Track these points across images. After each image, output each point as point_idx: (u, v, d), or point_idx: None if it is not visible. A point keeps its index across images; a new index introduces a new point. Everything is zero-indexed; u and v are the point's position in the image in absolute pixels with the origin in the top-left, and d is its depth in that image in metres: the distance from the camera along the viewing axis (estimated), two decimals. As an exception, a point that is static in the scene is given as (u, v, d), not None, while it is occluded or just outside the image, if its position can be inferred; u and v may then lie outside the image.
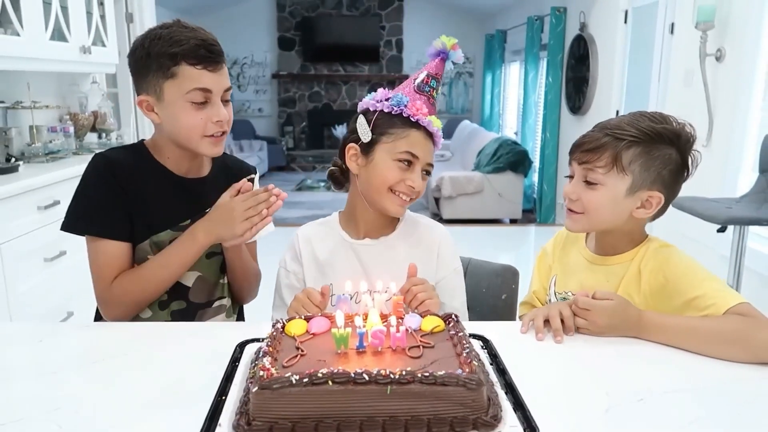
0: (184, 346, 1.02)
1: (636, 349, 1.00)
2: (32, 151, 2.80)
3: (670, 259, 1.11)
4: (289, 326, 0.86)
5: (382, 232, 1.24)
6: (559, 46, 5.32)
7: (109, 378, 0.90)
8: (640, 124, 1.08)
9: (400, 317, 0.86)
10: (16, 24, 2.44)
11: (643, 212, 1.11)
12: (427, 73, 1.19)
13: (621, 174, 1.08)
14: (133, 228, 1.18)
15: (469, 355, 0.75)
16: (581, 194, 1.12)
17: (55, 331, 1.10)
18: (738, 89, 2.99)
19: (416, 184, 1.16)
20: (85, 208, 1.18)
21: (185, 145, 1.19)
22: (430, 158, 1.18)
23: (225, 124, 1.19)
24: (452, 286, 1.23)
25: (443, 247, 1.25)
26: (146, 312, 1.23)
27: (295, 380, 0.68)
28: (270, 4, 8.57)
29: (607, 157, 1.08)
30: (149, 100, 1.16)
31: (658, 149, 1.08)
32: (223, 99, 1.18)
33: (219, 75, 1.16)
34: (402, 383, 0.69)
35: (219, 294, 1.29)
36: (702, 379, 0.90)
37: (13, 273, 2.14)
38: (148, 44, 1.13)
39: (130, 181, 1.18)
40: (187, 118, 1.14)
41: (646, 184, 1.09)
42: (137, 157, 1.23)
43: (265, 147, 8.29)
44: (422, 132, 1.16)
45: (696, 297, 1.04)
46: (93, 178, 1.19)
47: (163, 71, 1.12)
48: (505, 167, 5.40)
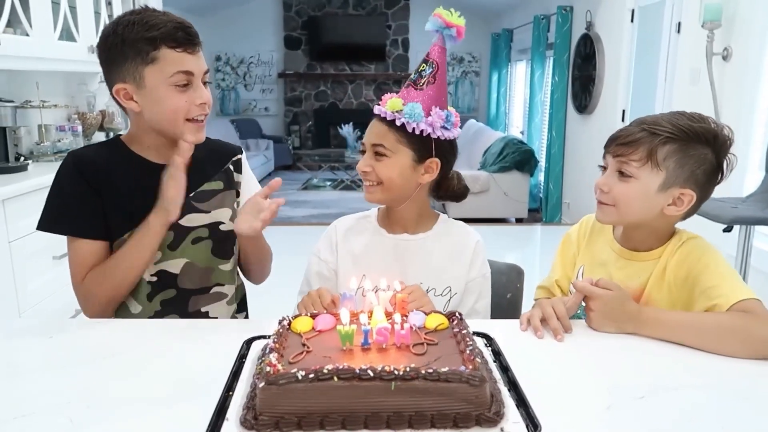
0: (192, 342, 1.03)
1: (638, 345, 1.01)
2: (41, 150, 2.82)
3: (693, 251, 1.12)
4: (296, 323, 0.88)
5: (420, 230, 1.26)
6: (565, 45, 5.30)
7: (118, 373, 0.91)
8: (678, 121, 1.09)
9: (404, 315, 0.87)
10: (26, 24, 2.47)
11: (674, 209, 1.11)
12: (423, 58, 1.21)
13: (655, 169, 1.09)
14: (109, 224, 1.18)
15: (472, 352, 0.76)
16: (613, 186, 1.13)
17: (65, 328, 1.12)
18: (744, 88, 2.97)
19: (360, 164, 1.21)
20: (56, 207, 1.18)
21: (168, 131, 1.17)
22: (374, 138, 1.19)
23: (207, 106, 1.19)
24: (479, 290, 1.26)
25: (477, 252, 1.27)
26: (135, 306, 1.23)
27: (301, 376, 0.69)
28: (276, 4, 8.59)
29: (642, 151, 1.09)
30: (127, 89, 1.14)
31: (694, 148, 1.08)
32: (203, 81, 1.18)
33: (198, 57, 1.16)
34: (406, 379, 0.70)
35: (216, 280, 1.28)
36: (703, 376, 0.91)
37: (22, 271, 2.17)
38: (121, 31, 1.11)
39: (103, 178, 1.18)
40: (171, 101, 1.14)
41: (680, 181, 1.09)
42: (111, 152, 1.22)
43: (271, 146, 8.31)
44: (376, 118, 1.20)
45: (709, 287, 1.06)
46: (64, 177, 1.18)
47: (143, 57, 1.11)
48: (511, 166, 5.39)
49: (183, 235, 1.23)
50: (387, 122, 1.17)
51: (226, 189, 1.30)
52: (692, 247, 1.13)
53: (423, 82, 1.18)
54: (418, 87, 1.18)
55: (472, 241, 1.28)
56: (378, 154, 1.19)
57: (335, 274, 1.27)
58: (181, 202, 1.15)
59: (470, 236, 1.29)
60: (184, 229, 1.23)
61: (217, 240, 1.27)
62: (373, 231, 1.28)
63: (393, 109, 1.16)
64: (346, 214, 1.34)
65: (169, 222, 1.16)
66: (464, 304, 1.25)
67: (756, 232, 2.51)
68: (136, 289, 1.22)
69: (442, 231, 1.28)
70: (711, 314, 1.02)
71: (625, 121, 4.45)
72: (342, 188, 7.27)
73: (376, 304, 0.86)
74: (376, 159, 1.19)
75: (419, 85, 1.18)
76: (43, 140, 2.88)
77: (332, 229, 1.31)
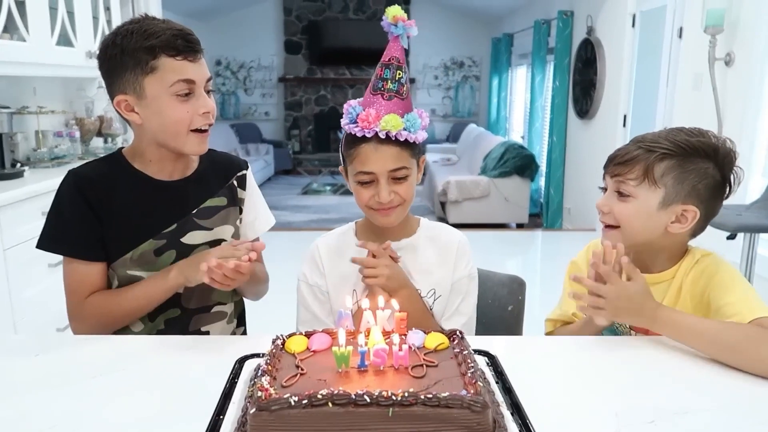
0: (183, 360, 1.00)
1: (647, 365, 0.97)
2: (38, 156, 2.80)
3: (707, 268, 1.10)
4: (290, 343, 0.84)
5: (403, 236, 1.23)
6: (566, 49, 5.28)
7: (105, 394, 0.88)
8: (675, 137, 1.07)
9: (402, 334, 0.84)
10: (23, 30, 2.45)
11: (678, 227, 1.09)
12: (381, 63, 1.11)
13: (653, 186, 1.07)
14: (108, 245, 1.16)
15: (474, 375, 0.73)
16: (613, 207, 1.12)
17: (50, 345, 1.08)
18: (748, 94, 2.95)
19: (383, 197, 1.12)
20: (56, 227, 1.16)
21: (170, 144, 1.15)
22: (391, 164, 1.11)
23: (211, 115, 1.15)
24: (465, 290, 1.23)
25: (461, 251, 1.24)
26: (137, 325, 1.21)
27: (294, 402, 0.66)
28: (277, 8, 8.58)
29: (639, 170, 1.07)
30: (128, 100, 1.11)
31: (692, 163, 1.06)
32: (206, 89, 1.15)
33: (199, 65, 1.13)
34: (404, 405, 0.67)
35: (217, 299, 1.26)
36: (715, 399, 0.87)
37: (17, 279, 2.14)
38: (120, 41, 1.08)
39: (103, 197, 1.15)
40: (173, 112, 1.10)
41: (680, 197, 1.07)
42: (112, 169, 1.19)
43: (271, 150, 8.29)
44: (373, 142, 1.10)
45: (725, 304, 1.03)
46: (64, 197, 1.16)
47: (142, 66, 1.08)
48: (511, 171, 5.36)
49: (185, 253, 1.20)
50: (394, 143, 1.10)
51: (229, 205, 1.26)
52: (706, 264, 1.10)
53: (404, 91, 1.12)
54: (404, 97, 1.12)
55: (455, 241, 1.24)
56: (398, 179, 1.13)
57: (328, 296, 1.23)
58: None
59: (453, 236, 1.26)
60: (186, 247, 1.20)
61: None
62: (355, 246, 1.22)
63: (396, 128, 1.09)
64: (347, 218, 1.30)
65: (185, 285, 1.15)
66: (449, 306, 1.22)
67: (760, 240, 2.49)
68: None
69: (425, 234, 1.25)
70: (724, 323, 0.99)
71: (626, 127, 4.43)
72: (342, 193, 7.24)
73: (373, 324, 0.83)
74: (396, 183, 1.13)
75: (403, 94, 1.12)
76: (40, 146, 2.86)
77: (315, 252, 1.25)
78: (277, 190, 7.46)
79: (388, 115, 1.10)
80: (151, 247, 1.17)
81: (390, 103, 1.11)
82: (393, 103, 1.11)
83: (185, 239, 1.20)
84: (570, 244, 4.90)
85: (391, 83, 1.11)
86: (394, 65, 1.11)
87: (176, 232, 1.19)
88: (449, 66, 8.80)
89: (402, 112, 1.12)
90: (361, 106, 1.13)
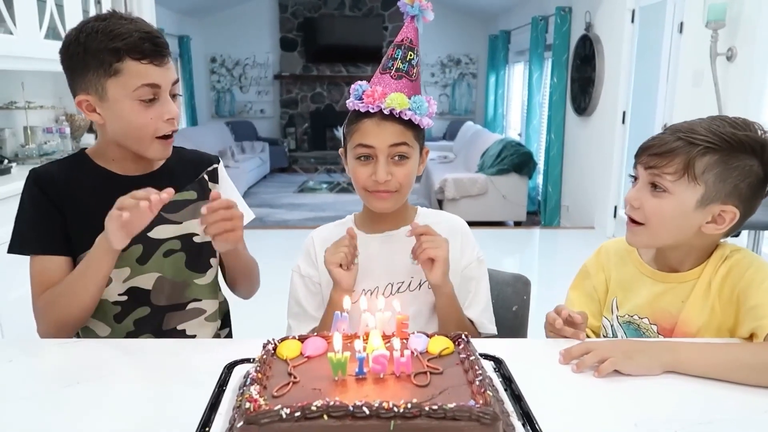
0: (168, 366, 0.94)
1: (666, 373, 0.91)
2: (26, 153, 2.74)
3: (737, 265, 1.01)
4: (282, 348, 0.78)
5: (402, 224, 1.18)
6: (564, 46, 5.24)
7: (80, 405, 0.81)
8: (720, 129, 0.97)
9: (404, 338, 0.78)
10: (9, 22, 2.38)
11: (713, 228, 1.00)
12: (393, 44, 1.09)
13: (692, 183, 0.97)
14: (74, 241, 1.11)
15: (482, 383, 0.67)
16: (644, 202, 1.02)
17: (25, 351, 1.02)
18: (750, 90, 2.91)
19: (380, 175, 1.07)
20: (20, 228, 1.13)
21: (132, 147, 1.11)
22: (392, 139, 1.07)
23: (176, 121, 1.11)
24: (478, 275, 1.19)
25: (465, 235, 1.20)
26: (102, 329, 1.15)
27: (285, 414, 0.60)
28: (272, 5, 8.51)
29: (678, 163, 0.97)
30: (90, 100, 1.07)
31: (737, 159, 0.96)
32: (172, 93, 1.10)
33: (166, 69, 1.07)
34: (407, 418, 0.61)
35: (193, 296, 1.20)
36: (740, 409, 0.81)
37: (3, 279, 2.07)
38: (84, 39, 1.03)
39: (65, 194, 1.11)
40: (136, 117, 1.06)
41: (720, 196, 0.98)
42: (74, 168, 1.16)
43: (267, 148, 8.23)
44: (376, 117, 1.07)
45: (755, 306, 0.95)
46: (24, 195, 1.13)
47: (105, 68, 1.03)
48: (509, 169, 5.32)
49: (153, 248, 1.15)
50: (398, 120, 1.07)
51: (199, 199, 1.21)
52: (736, 260, 1.02)
53: (414, 72, 1.08)
54: (413, 78, 1.09)
55: (458, 226, 1.20)
56: (399, 157, 1.09)
57: (320, 287, 1.18)
58: (132, 235, 1.02)
59: (454, 220, 1.22)
60: (153, 242, 1.15)
61: (191, 252, 1.19)
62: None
63: (402, 106, 1.05)
64: (343, 216, 1.25)
65: (113, 250, 1.03)
66: (463, 294, 1.17)
67: (765, 237, 2.44)
68: (101, 311, 1.14)
69: (424, 222, 1.19)
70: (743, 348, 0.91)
71: (625, 124, 4.38)
72: (338, 191, 7.18)
73: (372, 327, 0.77)
74: (396, 163, 1.09)
75: (412, 76, 1.08)
76: (28, 142, 2.79)
77: (309, 243, 1.21)
78: (273, 188, 7.39)
79: (395, 93, 1.06)
80: None
81: (398, 83, 1.07)
82: (401, 83, 1.08)
83: (152, 234, 1.15)
84: (568, 241, 4.86)
85: (401, 62, 1.08)
86: (406, 45, 1.08)
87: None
88: (446, 63, 8.74)
89: (409, 93, 1.08)
90: (368, 85, 1.10)
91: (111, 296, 1.14)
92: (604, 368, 0.88)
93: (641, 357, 0.89)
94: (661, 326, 1.07)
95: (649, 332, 1.08)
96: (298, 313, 1.19)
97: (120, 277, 1.14)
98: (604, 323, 1.16)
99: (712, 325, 1.02)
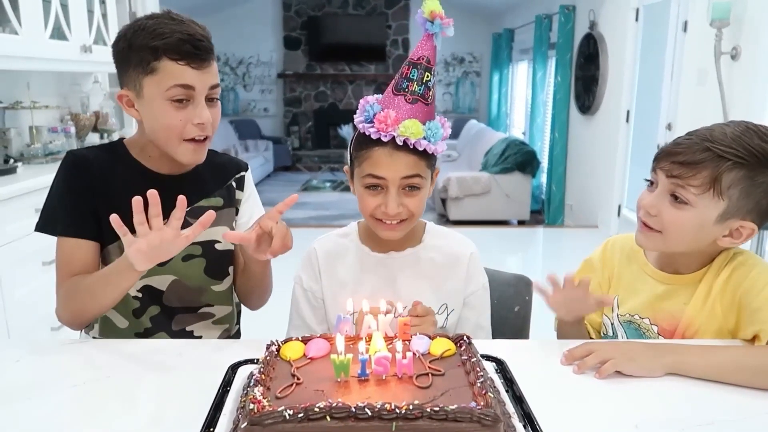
0: (173, 366, 0.95)
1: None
2: (31, 152, 2.75)
3: (739, 267, 1.00)
4: (285, 349, 0.79)
5: (408, 244, 1.14)
6: (568, 44, 5.23)
7: (87, 405, 0.83)
8: (749, 142, 0.92)
9: (406, 340, 0.78)
10: (15, 22, 2.39)
11: (729, 241, 0.98)
12: (408, 61, 1.02)
13: (716, 198, 0.94)
14: (102, 228, 1.11)
15: (483, 385, 0.68)
16: (663, 210, 0.99)
17: (34, 350, 1.03)
18: (754, 89, 2.90)
19: (390, 208, 1.03)
20: (51, 207, 1.13)
21: (163, 148, 1.11)
22: (405, 171, 1.02)
23: (207, 127, 1.09)
24: (481, 303, 1.17)
25: (473, 262, 1.17)
26: (121, 321, 1.17)
27: (288, 415, 0.61)
28: (276, 4, 8.51)
29: (705, 177, 0.94)
30: (129, 96, 1.09)
31: (764, 174, 0.93)
32: (209, 98, 1.09)
33: (204, 72, 1.07)
34: (409, 419, 0.62)
35: (207, 301, 1.21)
36: (741, 411, 0.82)
37: (9, 277, 2.09)
38: (131, 35, 1.06)
39: (99, 180, 1.11)
40: (166, 117, 1.06)
41: (741, 212, 0.95)
42: (111, 156, 1.16)
43: (270, 147, 8.24)
44: (388, 147, 1.01)
45: (756, 309, 0.95)
46: (59, 176, 1.14)
47: (143, 66, 1.05)
48: (512, 168, 5.31)
49: None
50: (411, 151, 1.01)
51: (225, 206, 1.22)
52: (739, 263, 1.00)
53: (430, 96, 1.02)
54: (428, 102, 1.02)
55: (467, 253, 1.16)
56: (410, 188, 1.04)
57: (322, 302, 1.17)
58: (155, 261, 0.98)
59: (464, 246, 1.17)
60: None
61: (212, 259, 1.20)
62: (356, 251, 1.16)
63: (416, 136, 0.99)
64: (346, 215, 1.26)
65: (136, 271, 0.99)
66: (466, 320, 1.16)
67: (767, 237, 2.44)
68: (122, 304, 1.15)
69: (431, 243, 1.16)
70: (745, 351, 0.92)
71: (629, 122, 4.37)
72: (342, 189, 7.19)
73: (375, 329, 0.77)
74: (407, 194, 1.04)
75: (428, 100, 1.02)
76: (34, 142, 2.80)
77: (312, 254, 1.18)
78: (277, 186, 7.40)
79: (409, 120, 1.00)
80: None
81: (413, 107, 1.01)
82: (416, 107, 1.01)
83: None
84: (572, 240, 4.85)
85: (417, 85, 1.01)
86: (422, 66, 1.01)
87: None
88: (449, 62, 8.74)
89: (424, 119, 1.02)
90: (380, 105, 1.03)
91: (131, 291, 1.15)
92: (605, 369, 0.88)
93: (643, 358, 0.90)
94: (662, 327, 1.07)
95: (650, 333, 1.08)
96: (300, 326, 1.17)
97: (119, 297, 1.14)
98: (605, 321, 1.16)
99: (712, 327, 1.02)
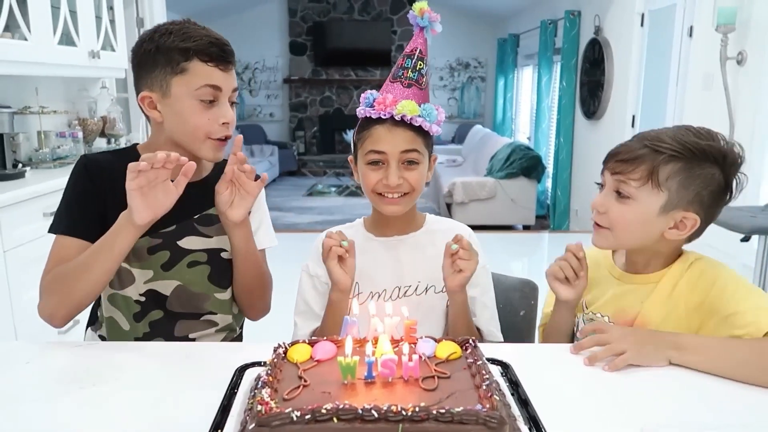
0: (180, 369, 0.95)
1: (672, 374, 0.92)
2: (40, 157, 2.77)
3: (705, 273, 1.04)
4: (292, 351, 0.80)
5: (410, 229, 1.22)
6: (573, 50, 5.23)
7: (95, 406, 0.83)
8: (684, 138, 1.00)
9: (412, 343, 0.79)
10: (24, 28, 2.42)
11: (675, 233, 1.04)
12: (403, 54, 1.15)
13: (656, 190, 1.01)
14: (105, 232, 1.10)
15: (489, 387, 0.68)
16: (610, 207, 1.06)
17: (43, 352, 1.03)
18: (760, 94, 2.90)
19: (391, 180, 1.11)
20: (60, 209, 1.15)
21: (186, 146, 1.14)
22: (404, 145, 1.11)
23: (231, 126, 1.16)
24: (484, 282, 1.22)
25: (472, 243, 1.20)
26: (125, 323, 1.18)
27: (296, 417, 0.62)
28: (281, 9, 8.56)
29: (643, 170, 1.01)
30: (153, 97, 1.12)
31: (700, 167, 1.00)
32: (230, 100, 1.16)
33: (229, 75, 1.14)
34: (415, 421, 0.62)
35: (210, 309, 1.22)
36: (747, 414, 0.82)
37: (18, 281, 2.11)
38: (158, 38, 1.10)
39: (110, 185, 1.12)
40: (194, 116, 1.11)
41: (683, 203, 1.01)
42: (124, 161, 1.14)
43: (276, 152, 8.27)
44: (387, 124, 1.11)
45: (733, 313, 0.96)
46: (70, 179, 1.16)
47: (172, 66, 1.09)
48: (518, 173, 5.31)
49: (179, 256, 1.18)
50: (409, 127, 1.11)
51: None
52: (702, 268, 1.05)
53: (423, 81, 1.13)
54: (422, 87, 1.13)
55: (465, 232, 1.23)
56: (409, 163, 1.13)
57: (327, 287, 1.19)
58: (155, 210, 1.03)
59: (461, 228, 1.25)
60: (180, 251, 1.18)
61: (216, 267, 1.21)
62: (362, 237, 1.21)
63: (413, 113, 1.10)
64: (352, 220, 1.28)
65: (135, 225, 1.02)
66: (471, 299, 1.18)
67: None
68: (125, 306, 1.17)
69: (432, 228, 1.24)
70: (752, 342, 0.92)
71: (635, 127, 4.37)
72: (347, 194, 7.21)
73: (381, 331, 0.78)
74: (406, 168, 1.13)
75: (422, 84, 1.13)
76: (42, 147, 2.83)
77: (319, 242, 1.22)
78: (282, 191, 7.43)
79: (405, 100, 1.11)
80: (146, 243, 1.14)
81: (408, 90, 1.12)
82: (411, 90, 1.12)
83: (182, 243, 1.18)
84: (577, 246, 4.84)
85: (411, 72, 1.13)
86: (416, 56, 1.13)
87: (174, 233, 1.17)
88: (454, 67, 8.75)
89: (419, 101, 1.12)
90: (379, 93, 1.14)
91: (134, 294, 1.17)
92: (616, 365, 0.91)
93: (649, 348, 0.94)
94: (618, 324, 1.09)
95: (593, 316, 1.13)
96: (305, 311, 1.21)
97: (142, 278, 1.17)
98: (577, 321, 1.18)
99: (669, 325, 1.04)
